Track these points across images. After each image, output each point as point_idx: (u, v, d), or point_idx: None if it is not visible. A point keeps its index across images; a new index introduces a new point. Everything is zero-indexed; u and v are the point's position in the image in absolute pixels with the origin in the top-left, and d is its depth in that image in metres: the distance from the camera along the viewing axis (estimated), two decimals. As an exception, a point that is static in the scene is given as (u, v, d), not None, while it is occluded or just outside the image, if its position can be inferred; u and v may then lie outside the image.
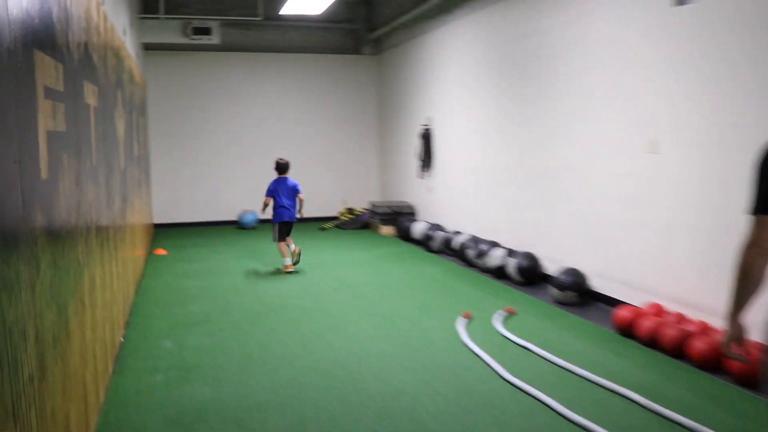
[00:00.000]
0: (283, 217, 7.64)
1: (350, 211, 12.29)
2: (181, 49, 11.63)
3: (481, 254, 7.41)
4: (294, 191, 7.67)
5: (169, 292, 6.53)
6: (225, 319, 5.50)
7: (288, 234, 7.72)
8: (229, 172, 11.88)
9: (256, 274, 7.47)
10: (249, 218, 11.37)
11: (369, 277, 7.24)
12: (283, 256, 7.61)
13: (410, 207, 10.68)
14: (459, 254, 8.04)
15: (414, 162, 10.57)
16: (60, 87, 2.67)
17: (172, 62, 11.63)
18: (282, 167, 7.73)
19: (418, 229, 9.45)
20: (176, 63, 11.65)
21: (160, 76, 11.56)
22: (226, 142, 11.97)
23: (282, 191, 7.67)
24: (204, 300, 6.17)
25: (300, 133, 12.35)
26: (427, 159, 9.89)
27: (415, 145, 10.40)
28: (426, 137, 9.86)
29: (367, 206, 12.43)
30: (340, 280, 7.08)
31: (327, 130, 12.50)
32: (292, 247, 7.63)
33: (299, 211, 7.69)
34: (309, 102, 12.36)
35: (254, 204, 11.78)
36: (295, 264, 7.55)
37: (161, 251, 8.94)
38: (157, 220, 11.56)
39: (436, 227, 9.09)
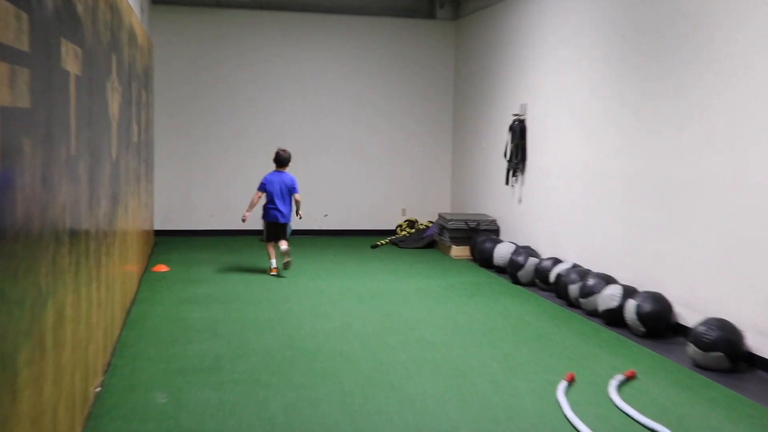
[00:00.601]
0: (275, 218, 8.74)
1: (411, 224, 12.30)
2: (200, 5, 11.72)
3: (589, 292, 7.21)
4: (290, 190, 8.75)
5: (168, 323, 6.48)
6: (240, 365, 5.35)
7: (280, 237, 8.80)
8: (255, 167, 11.87)
9: (285, 303, 7.40)
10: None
11: (435, 314, 7.11)
12: (268, 257, 8.88)
13: (492, 222, 10.57)
14: (557, 289, 7.88)
15: (500, 163, 10.42)
16: (23, 45, 2.51)
17: (188, 21, 11.72)
18: (282, 160, 8.76)
19: (501, 251, 9.33)
20: (192, 22, 11.74)
21: (172, 38, 11.66)
22: (252, 128, 12.04)
23: (276, 188, 8.73)
24: (213, 337, 6.09)
25: (350, 122, 12.37)
26: (518, 160, 9.74)
27: (504, 141, 10.22)
28: (518, 132, 9.71)
29: (433, 219, 12.40)
30: (397, 317, 6.96)
31: (386, 119, 12.49)
32: (284, 247, 8.65)
33: (298, 213, 8.89)
34: (363, 80, 12.34)
35: None
36: (285, 267, 8.61)
37: (161, 267, 9.00)
38: (159, 227, 11.70)
39: (527, 251, 8.91)
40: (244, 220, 8.67)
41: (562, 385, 5.00)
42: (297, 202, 8.78)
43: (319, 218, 12.37)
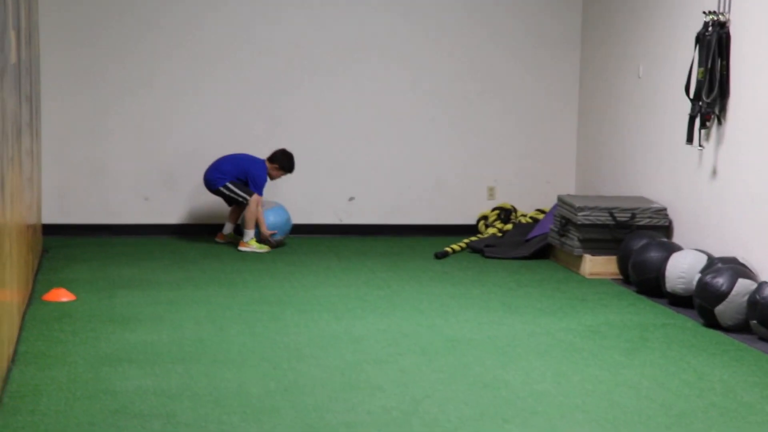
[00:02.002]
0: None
1: (505, 215, 12.43)
2: None
3: None
4: (246, 177, 11.32)
5: (81, 403, 6.22)
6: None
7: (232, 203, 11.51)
8: (230, 114, 11.94)
9: (294, 362, 7.23)
10: (275, 220, 11.50)
11: (570, 385, 6.88)
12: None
13: (658, 213, 10.45)
14: None
15: (676, 105, 10.21)
16: None
17: None
18: (278, 160, 11.45)
19: (680, 267, 9.12)
20: None
21: None
22: (223, 45, 12.10)
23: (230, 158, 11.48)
24: (168, 427, 5.88)
25: (397, 41, 12.49)
26: (712, 98, 9.50)
27: (686, 64, 9.97)
28: (714, 46, 9.48)
29: (546, 207, 12.38)
30: (500, 389, 6.76)
31: (459, 35, 12.67)
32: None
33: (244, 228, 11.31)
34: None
35: (282, 191, 11.79)
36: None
37: (60, 294, 8.92)
38: (51, 219, 11.77)
39: (731, 267, 8.62)
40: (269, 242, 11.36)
41: None
42: (249, 208, 11.21)
43: (342, 204, 12.35)
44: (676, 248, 9.51)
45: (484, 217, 12.31)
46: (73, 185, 11.82)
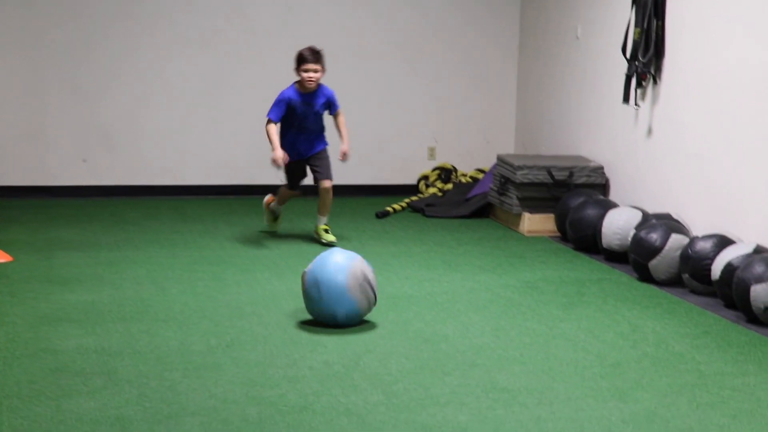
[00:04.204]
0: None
1: (446, 175, 12.40)
2: None
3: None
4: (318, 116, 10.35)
5: (21, 361, 6.24)
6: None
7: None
8: (162, 81, 11.90)
9: (236, 320, 7.23)
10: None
11: (508, 338, 6.98)
12: (273, 211, 10.29)
13: (595, 171, 10.53)
14: (725, 292, 7.71)
15: (612, 66, 10.31)
16: None
17: None
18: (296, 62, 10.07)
19: (616, 224, 9.21)
20: None
21: None
22: (158, 17, 12.00)
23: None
24: (109, 385, 5.86)
25: (342, 16, 12.48)
26: (648, 59, 9.60)
27: (622, 25, 10.04)
28: (650, 6, 9.52)
29: (486, 166, 12.40)
30: (440, 344, 6.82)
31: (403, 11, 12.57)
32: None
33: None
34: None
35: (226, 152, 11.82)
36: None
37: None
38: None
39: (664, 223, 8.71)
40: None
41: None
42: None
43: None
44: (613, 205, 9.61)
45: (425, 177, 12.31)
46: (8, 146, 11.68)
